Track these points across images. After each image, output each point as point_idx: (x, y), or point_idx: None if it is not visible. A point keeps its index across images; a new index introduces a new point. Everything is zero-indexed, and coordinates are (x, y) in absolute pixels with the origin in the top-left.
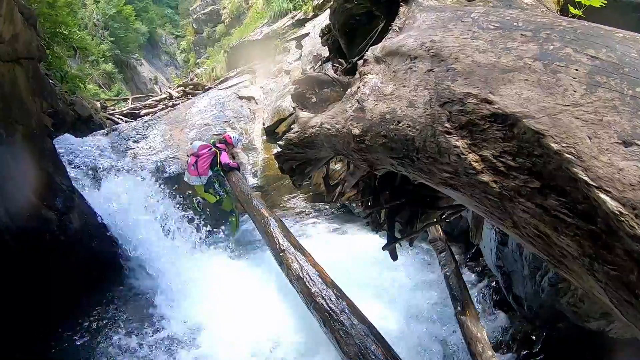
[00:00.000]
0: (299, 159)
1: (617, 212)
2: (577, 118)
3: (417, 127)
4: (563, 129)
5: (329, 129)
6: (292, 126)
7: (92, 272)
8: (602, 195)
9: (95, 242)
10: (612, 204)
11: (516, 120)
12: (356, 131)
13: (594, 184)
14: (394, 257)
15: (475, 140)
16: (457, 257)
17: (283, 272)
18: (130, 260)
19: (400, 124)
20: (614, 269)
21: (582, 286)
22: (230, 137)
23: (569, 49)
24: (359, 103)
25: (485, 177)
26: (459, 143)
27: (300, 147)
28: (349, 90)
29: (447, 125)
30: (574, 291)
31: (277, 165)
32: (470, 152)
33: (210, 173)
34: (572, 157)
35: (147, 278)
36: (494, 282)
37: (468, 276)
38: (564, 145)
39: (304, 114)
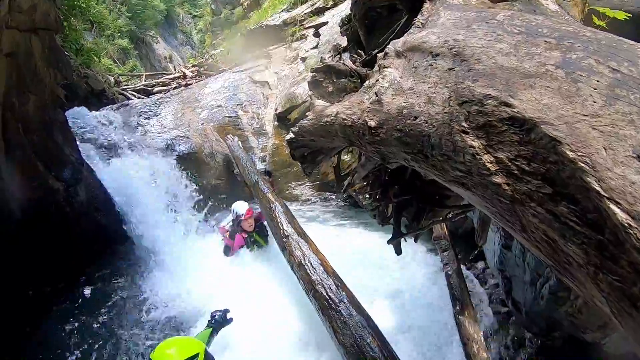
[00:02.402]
0: (311, 147)
1: (626, 224)
2: (595, 129)
3: (433, 124)
4: (580, 138)
5: (345, 119)
6: (307, 114)
7: (96, 244)
8: (613, 207)
9: (100, 216)
10: (621, 215)
11: (534, 126)
12: (372, 123)
13: (606, 195)
14: (398, 251)
15: (492, 141)
16: (459, 257)
17: (285, 258)
18: (134, 235)
19: (417, 120)
20: (618, 279)
21: (584, 295)
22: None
23: (591, 60)
24: (377, 95)
25: (499, 179)
26: (475, 143)
27: (313, 135)
28: (367, 82)
29: (465, 124)
30: (573, 301)
31: (286, 151)
32: (485, 153)
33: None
34: (587, 167)
35: (150, 254)
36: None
37: (469, 277)
38: (580, 154)
39: (319, 103)
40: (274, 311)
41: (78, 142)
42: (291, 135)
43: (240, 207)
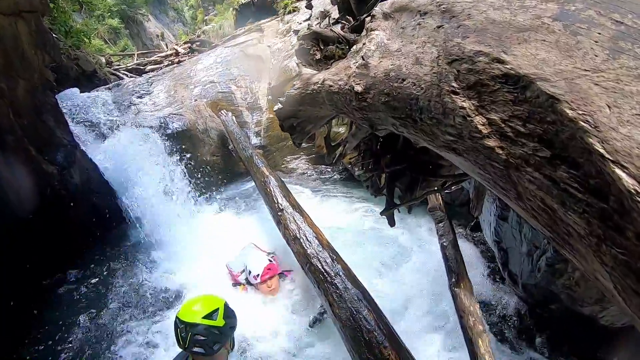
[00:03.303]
0: (299, 117)
1: (633, 191)
2: (597, 84)
3: (422, 86)
4: (580, 95)
5: (331, 86)
6: (294, 83)
7: (92, 226)
8: (618, 171)
9: (96, 197)
10: (628, 181)
11: (529, 83)
12: (359, 88)
13: (610, 158)
14: (392, 222)
15: (484, 102)
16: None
17: (280, 232)
18: (130, 215)
19: (404, 82)
20: (623, 253)
21: (584, 268)
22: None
23: (592, 11)
24: (363, 59)
25: (492, 142)
26: (465, 104)
27: (301, 104)
28: (354, 46)
29: (454, 84)
30: (570, 274)
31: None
32: (477, 115)
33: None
34: (588, 127)
35: (146, 233)
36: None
37: (465, 249)
38: (580, 112)
39: (306, 71)
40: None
41: (70, 124)
42: (279, 105)
43: (255, 260)
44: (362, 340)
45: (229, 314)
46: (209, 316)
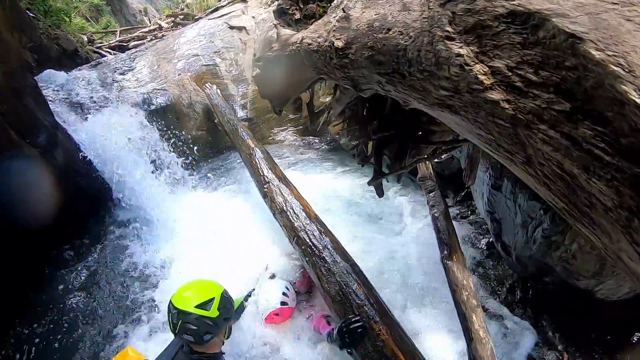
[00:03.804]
0: (278, 81)
1: None
2: (629, 20)
3: (410, 34)
4: (609, 32)
5: (310, 44)
6: (272, 45)
7: (78, 208)
8: None
9: (80, 178)
10: None
11: (543, 20)
12: (339, 43)
13: None
14: (380, 193)
15: (485, 47)
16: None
17: (267, 205)
18: (115, 195)
19: (390, 32)
20: None
21: (604, 246)
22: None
23: None
24: (344, 11)
25: (495, 95)
26: (462, 51)
27: (279, 66)
28: (335, 1)
29: (449, 29)
30: (567, 246)
31: None
32: (476, 63)
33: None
34: (621, 71)
35: (132, 212)
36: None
37: (456, 220)
38: (610, 54)
39: (285, 31)
40: (261, 260)
41: (51, 105)
42: (257, 71)
43: (266, 294)
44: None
45: (225, 305)
46: (202, 306)
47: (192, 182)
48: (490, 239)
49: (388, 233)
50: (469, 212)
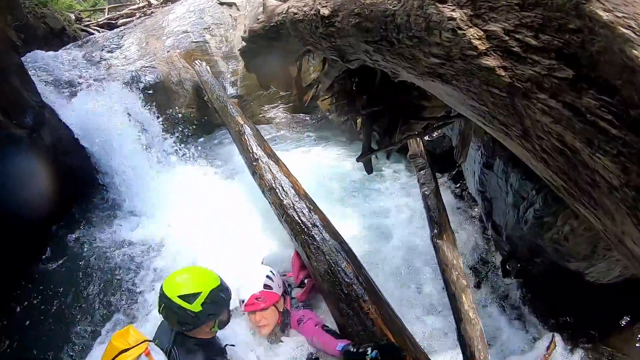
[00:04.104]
0: (264, 55)
1: None
2: None
3: None
4: None
5: (295, 14)
6: (258, 17)
7: (67, 188)
8: None
9: (68, 158)
10: None
11: None
12: (325, 11)
13: None
14: (369, 169)
15: (479, 9)
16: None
17: (256, 182)
18: (104, 174)
19: None
20: None
21: (605, 228)
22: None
23: None
24: None
25: (491, 62)
26: (455, 14)
27: (265, 39)
28: None
29: None
30: (560, 227)
31: None
32: (470, 27)
33: None
34: (631, 34)
35: (121, 191)
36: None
37: (447, 198)
38: (619, 15)
39: (271, 2)
40: (250, 238)
41: (38, 85)
42: (242, 44)
43: (250, 279)
44: (341, 294)
45: (214, 300)
46: (185, 298)
47: (181, 159)
48: (480, 219)
49: (379, 210)
50: (460, 191)
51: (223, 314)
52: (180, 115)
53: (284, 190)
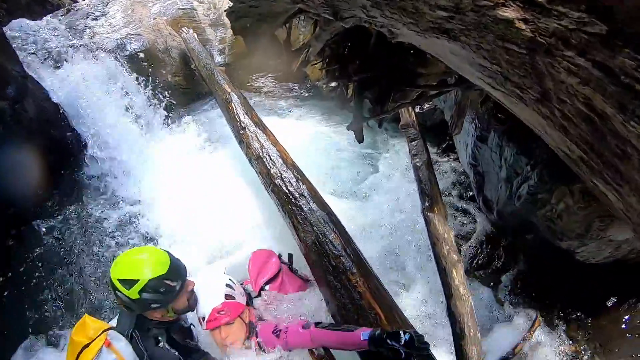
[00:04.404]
0: (252, 15)
1: None
2: None
3: None
4: None
5: None
6: None
7: (51, 159)
8: None
9: (52, 129)
10: None
11: None
12: None
13: None
14: (360, 138)
15: None
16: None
17: (243, 151)
18: (89, 144)
19: None
20: None
21: (627, 206)
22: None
23: None
24: None
25: (509, 13)
26: None
27: None
28: None
29: None
30: (554, 205)
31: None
32: None
33: None
34: None
35: (107, 161)
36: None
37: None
38: None
39: None
40: (235, 207)
41: (20, 55)
42: (229, 4)
43: (208, 292)
44: (328, 267)
45: (155, 289)
46: (123, 282)
47: (167, 128)
48: (471, 193)
49: (368, 182)
50: (451, 165)
51: (176, 302)
52: (166, 83)
53: (271, 159)
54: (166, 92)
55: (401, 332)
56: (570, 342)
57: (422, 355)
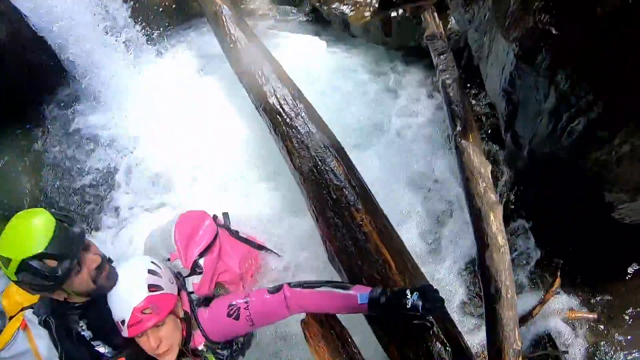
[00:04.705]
0: None
1: None
2: None
3: None
4: None
5: None
6: None
7: (26, 85)
8: None
9: (29, 53)
10: None
11: None
12: None
13: None
14: (388, 30)
15: None
16: None
17: (233, 69)
18: (68, 69)
19: None
20: None
21: None
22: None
23: None
24: None
25: None
26: None
27: None
28: None
29: None
30: (616, 147)
31: None
32: None
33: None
34: None
35: (86, 86)
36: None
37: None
38: None
39: None
40: (221, 131)
41: None
42: None
43: (126, 287)
44: (327, 199)
45: (31, 270)
46: (2, 259)
47: (152, 50)
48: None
49: (372, 113)
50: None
51: (70, 284)
52: (151, 1)
53: (264, 74)
54: (150, 11)
55: (408, 292)
56: (586, 309)
57: (436, 313)
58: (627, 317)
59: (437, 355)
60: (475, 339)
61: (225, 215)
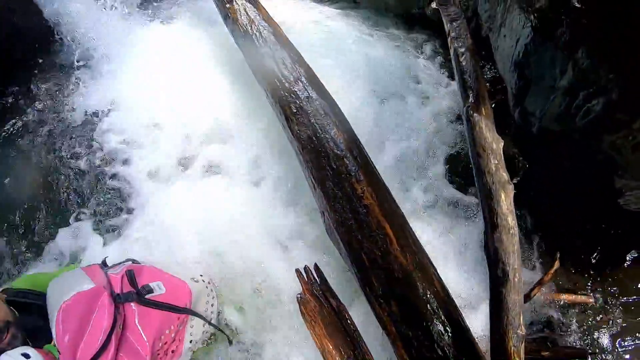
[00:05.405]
0: None
1: None
2: None
3: None
4: None
5: None
6: None
7: (16, 49)
8: None
9: (17, 17)
10: None
11: None
12: None
13: None
14: None
15: None
16: None
17: (228, 29)
18: (58, 33)
19: None
20: None
21: None
22: None
23: None
24: None
25: None
26: None
27: None
28: None
29: None
30: (635, 131)
31: None
32: None
33: None
34: None
35: (77, 52)
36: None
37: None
38: None
39: None
40: (215, 97)
41: None
42: None
43: None
44: (327, 168)
45: None
46: None
47: (144, 15)
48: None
49: (380, 75)
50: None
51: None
52: None
53: (262, 36)
54: None
55: None
56: (583, 293)
57: None
58: (623, 303)
59: (436, 335)
60: (477, 322)
61: (130, 273)
